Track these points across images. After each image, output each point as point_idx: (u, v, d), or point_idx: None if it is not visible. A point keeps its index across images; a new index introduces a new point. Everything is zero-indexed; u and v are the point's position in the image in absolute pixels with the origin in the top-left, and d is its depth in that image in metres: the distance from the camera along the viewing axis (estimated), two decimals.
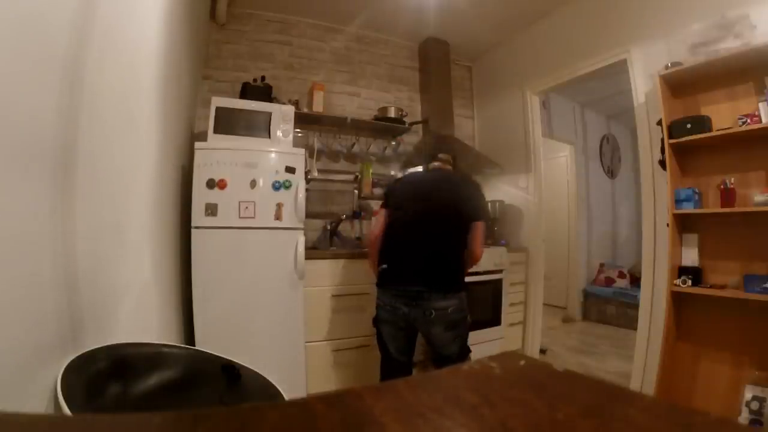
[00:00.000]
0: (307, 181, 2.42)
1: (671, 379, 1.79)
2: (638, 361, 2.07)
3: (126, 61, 0.99)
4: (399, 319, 1.58)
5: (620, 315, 3.68)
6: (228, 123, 1.87)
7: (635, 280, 3.76)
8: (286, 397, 0.87)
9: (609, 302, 3.83)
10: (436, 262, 1.57)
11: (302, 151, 1.94)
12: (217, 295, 1.71)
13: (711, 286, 1.70)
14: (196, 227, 1.70)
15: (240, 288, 1.76)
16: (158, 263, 1.36)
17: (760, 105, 1.57)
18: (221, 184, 1.73)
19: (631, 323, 2.56)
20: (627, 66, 2.17)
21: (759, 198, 1.57)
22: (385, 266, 1.61)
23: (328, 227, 2.61)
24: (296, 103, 2.54)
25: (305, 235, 1.94)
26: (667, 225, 1.81)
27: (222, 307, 1.72)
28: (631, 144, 4.53)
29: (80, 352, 0.69)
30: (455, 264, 1.60)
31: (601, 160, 4.51)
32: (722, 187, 1.71)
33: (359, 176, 2.74)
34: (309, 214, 2.52)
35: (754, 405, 1.50)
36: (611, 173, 4.60)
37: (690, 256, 1.83)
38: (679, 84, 1.84)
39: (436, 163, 1.81)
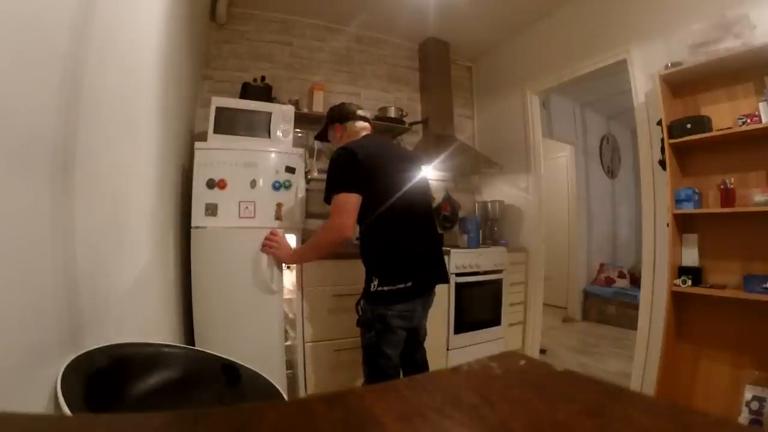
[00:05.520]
0: (307, 181, 2.43)
1: (671, 379, 1.79)
2: (638, 361, 2.07)
3: (126, 61, 0.99)
4: (413, 320, 1.44)
5: (620, 315, 3.68)
6: (228, 123, 1.86)
7: (635, 280, 3.76)
8: (286, 397, 0.87)
9: (609, 302, 3.83)
10: (439, 251, 1.54)
11: (302, 151, 1.94)
12: (217, 295, 1.71)
13: (711, 286, 1.70)
14: (196, 227, 1.70)
15: (240, 288, 1.75)
16: (158, 263, 1.36)
17: (760, 105, 1.57)
18: (221, 184, 1.73)
19: (631, 323, 2.56)
20: (627, 66, 2.17)
21: (759, 198, 1.57)
22: (409, 284, 1.35)
23: None
24: (296, 103, 2.54)
25: (305, 235, 1.94)
26: (667, 225, 1.81)
27: (222, 307, 1.72)
28: (631, 144, 4.53)
29: (80, 352, 0.69)
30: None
31: (601, 160, 4.52)
32: (722, 187, 1.71)
33: None
34: (309, 214, 2.52)
35: (754, 405, 1.50)
36: (611, 173, 4.60)
37: (690, 256, 1.83)
38: (679, 84, 1.84)
39: (365, 123, 1.59)
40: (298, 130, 2.50)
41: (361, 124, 1.59)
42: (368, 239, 1.43)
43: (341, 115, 1.60)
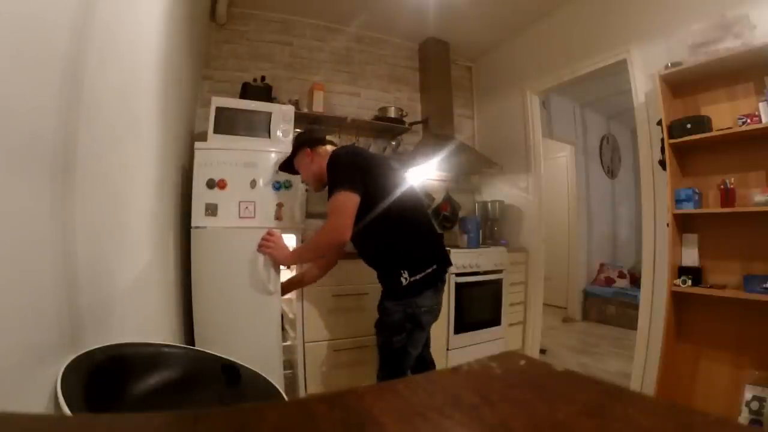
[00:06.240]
0: None
1: (671, 379, 1.79)
2: (638, 361, 2.07)
3: (126, 61, 0.99)
4: (436, 315, 1.45)
5: (620, 315, 3.68)
6: (228, 123, 1.86)
7: (635, 280, 3.76)
8: (286, 397, 0.87)
9: (609, 302, 3.83)
10: (441, 239, 1.58)
11: None
12: (217, 295, 1.71)
13: (711, 286, 1.70)
14: (196, 227, 1.70)
15: (240, 288, 1.75)
16: (158, 263, 1.36)
17: (760, 105, 1.57)
18: (221, 184, 1.73)
19: (631, 323, 2.56)
20: (627, 66, 2.18)
21: (759, 198, 1.57)
22: (435, 267, 1.39)
23: None
24: (296, 103, 2.54)
25: (305, 234, 1.94)
26: (667, 225, 1.81)
27: (222, 307, 1.72)
28: (631, 144, 4.53)
29: (80, 352, 0.69)
30: None
31: (601, 160, 4.52)
32: (722, 187, 1.71)
33: None
34: (309, 214, 2.52)
35: (754, 405, 1.50)
36: (611, 173, 4.60)
37: (690, 256, 1.83)
38: (679, 84, 1.84)
39: (329, 147, 1.63)
40: (298, 130, 2.50)
41: (331, 147, 1.61)
42: (382, 238, 1.41)
43: (311, 140, 1.60)
